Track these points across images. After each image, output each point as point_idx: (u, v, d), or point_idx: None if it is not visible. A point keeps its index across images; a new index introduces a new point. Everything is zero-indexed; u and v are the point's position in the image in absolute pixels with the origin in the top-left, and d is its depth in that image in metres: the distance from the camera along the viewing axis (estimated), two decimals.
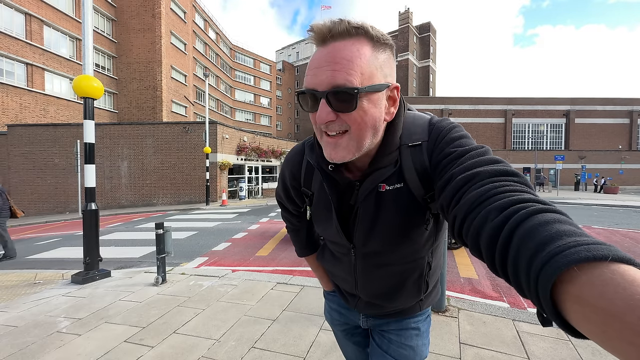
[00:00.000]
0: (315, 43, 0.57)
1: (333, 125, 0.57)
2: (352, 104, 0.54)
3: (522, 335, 2.36)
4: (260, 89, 46.02)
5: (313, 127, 0.63)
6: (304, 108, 0.61)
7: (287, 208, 0.95)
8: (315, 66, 0.56)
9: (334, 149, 0.59)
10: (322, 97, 0.55)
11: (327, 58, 0.54)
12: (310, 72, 0.57)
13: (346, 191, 0.73)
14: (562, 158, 19.87)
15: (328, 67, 0.54)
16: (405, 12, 50.77)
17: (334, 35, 0.54)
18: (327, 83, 0.54)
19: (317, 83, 0.55)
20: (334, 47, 0.54)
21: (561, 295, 0.29)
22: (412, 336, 0.87)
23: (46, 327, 2.68)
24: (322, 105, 0.56)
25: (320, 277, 1.03)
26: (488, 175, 0.47)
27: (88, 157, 4.13)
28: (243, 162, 17.16)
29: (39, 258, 5.75)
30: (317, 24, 0.55)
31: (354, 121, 0.56)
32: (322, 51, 0.55)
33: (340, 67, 0.53)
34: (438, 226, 0.73)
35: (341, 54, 0.54)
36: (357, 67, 0.54)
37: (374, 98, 0.56)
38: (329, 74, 0.54)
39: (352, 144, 0.58)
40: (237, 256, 5.28)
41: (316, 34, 0.55)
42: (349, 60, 0.53)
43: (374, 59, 0.56)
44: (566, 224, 0.34)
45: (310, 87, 0.57)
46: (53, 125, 15.24)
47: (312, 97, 0.57)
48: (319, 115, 0.56)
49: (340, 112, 0.56)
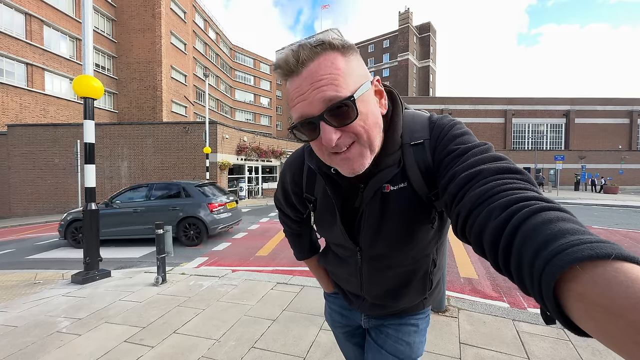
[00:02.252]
0: (286, 77, 0.56)
1: (340, 141, 0.55)
2: (353, 113, 0.53)
3: (522, 335, 2.36)
4: (260, 89, 46.01)
5: (318, 154, 0.61)
6: (302, 140, 0.59)
7: (286, 213, 0.93)
8: (298, 95, 0.54)
9: (350, 164, 0.57)
10: (321, 120, 0.53)
11: (307, 81, 0.53)
12: (295, 103, 0.55)
13: (350, 194, 0.72)
14: (562, 158, 19.86)
15: (312, 88, 0.53)
16: (405, 12, 50.78)
17: (304, 61, 0.53)
18: (319, 103, 0.53)
19: (308, 109, 0.54)
20: (307, 71, 0.53)
21: (564, 294, 0.29)
22: (410, 332, 0.87)
23: (46, 327, 2.67)
24: (324, 128, 0.54)
25: (320, 278, 1.02)
26: (491, 173, 0.47)
27: (88, 157, 4.13)
28: (243, 162, 17.15)
29: (39, 258, 5.75)
30: (281, 59, 0.55)
31: (360, 128, 0.55)
32: (298, 80, 0.54)
33: (324, 82, 0.52)
34: (442, 223, 0.73)
35: (319, 72, 0.53)
36: (339, 77, 0.53)
37: (365, 99, 0.56)
38: (317, 93, 0.52)
39: (364, 150, 0.57)
40: (237, 256, 5.28)
41: (283, 68, 0.55)
42: (330, 74, 0.52)
43: (347, 65, 0.55)
44: (569, 222, 0.34)
45: (303, 117, 0.55)
46: (53, 125, 15.23)
47: (310, 125, 0.55)
48: (326, 138, 0.54)
49: (344, 127, 0.54)
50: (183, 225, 6.25)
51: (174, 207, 6.33)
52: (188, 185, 6.63)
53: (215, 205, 6.46)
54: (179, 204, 6.39)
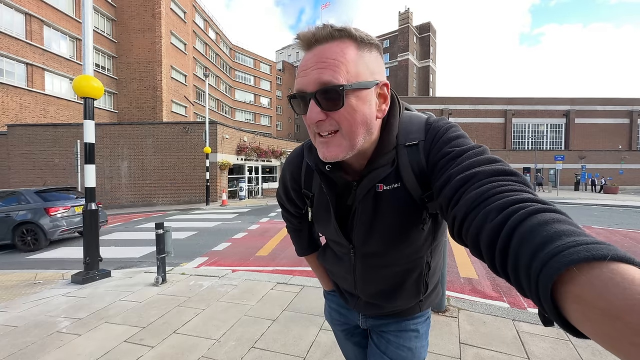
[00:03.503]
0: (302, 49, 0.59)
1: (324, 125, 0.58)
2: (339, 101, 0.55)
3: (522, 335, 2.36)
4: (260, 89, 46.01)
5: (309, 132, 0.64)
6: (296, 111, 0.62)
7: (287, 209, 0.95)
8: (302, 69, 0.58)
9: (326, 148, 0.60)
10: (311, 98, 0.56)
11: (313, 59, 0.56)
12: (299, 75, 0.59)
13: (344, 192, 0.73)
14: (562, 158, 19.86)
15: (314, 67, 0.56)
16: (405, 12, 50.77)
17: (319, 39, 0.56)
18: (314, 83, 0.55)
19: (305, 84, 0.57)
20: (319, 49, 0.56)
21: (562, 296, 0.29)
22: (411, 338, 0.87)
23: (46, 327, 2.68)
24: (311, 106, 0.57)
25: (320, 276, 1.03)
26: (486, 175, 0.47)
27: (88, 157, 4.13)
28: (243, 162, 17.16)
29: (39, 258, 5.76)
30: (303, 32, 0.58)
31: (344, 119, 0.57)
32: (308, 54, 0.58)
33: (325, 65, 0.55)
34: (436, 226, 0.73)
35: (326, 54, 0.55)
36: (342, 65, 0.55)
37: (362, 95, 0.57)
38: (315, 74, 0.55)
39: (344, 142, 0.59)
40: (237, 256, 5.28)
41: (302, 40, 0.58)
42: (333, 59, 0.55)
43: (359, 58, 0.57)
44: (565, 223, 0.34)
45: (299, 89, 0.58)
46: (53, 125, 15.24)
47: (302, 99, 0.58)
48: (309, 115, 0.57)
49: (329, 111, 0.56)
50: (20, 231, 6.31)
51: (8, 214, 6.40)
52: (27, 192, 6.77)
53: (57, 209, 6.57)
54: (14, 210, 6.46)
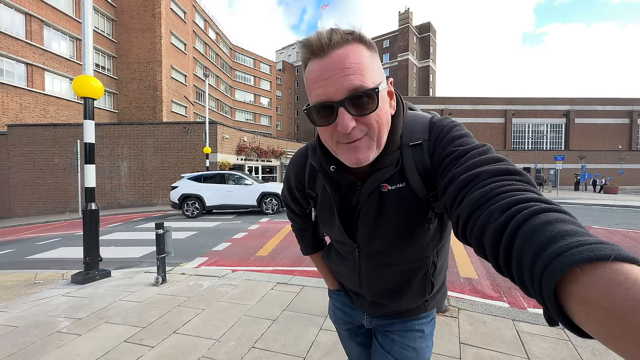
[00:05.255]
0: (311, 55, 0.56)
1: (354, 131, 0.56)
2: (373, 104, 0.55)
3: (522, 335, 2.36)
4: (260, 89, 46.03)
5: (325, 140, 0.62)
6: (316, 123, 0.60)
7: (292, 208, 0.96)
8: (323, 77, 0.54)
9: (356, 153, 0.58)
10: (341, 106, 0.54)
11: (335, 66, 0.53)
12: (318, 86, 0.55)
13: (348, 192, 0.73)
14: (562, 158, 19.87)
15: (341, 74, 0.53)
16: (405, 12, 50.78)
17: (335, 44, 0.54)
18: (344, 90, 0.53)
19: (332, 93, 0.54)
20: (337, 54, 0.54)
21: (565, 296, 0.29)
22: (416, 338, 0.87)
23: (46, 327, 2.67)
24: (342, 114, 0.54)
25: (325, 275, 1.03)
26: (490, 175, 0.47)
27: (88, 157, 4.13)
28: (243, 162, 17.15)
29: (39, 258, 5.75)
30: (313, 37, 0.55)
31: (374, 122, 0.57)
32: (325, 61, 0.54)
33: (353, 71, 0.53)
34: (442, 225, 0.73)
35: (349, 59, 0.53)
36: (366, 69, 0.55)
37: (383, 96, 0.58)
38: (344, 81, 0.53)
39: (372, 143, 0.59)
40: (237, 256, 5.27)
41: (314, 46, 0.54)
42: (358, 63, 0.54)
43: (371, 60, 0.57)
44: (569, 223, 0.34)
45: (323, 100, 0.55)
46: (53, 125, 15.24)
47: (328, 109, 0.56)
48: (343, 124, 0.54)
49: (359, 116, 0.55)
50: None
51: None
52: None
53: None
54: None
